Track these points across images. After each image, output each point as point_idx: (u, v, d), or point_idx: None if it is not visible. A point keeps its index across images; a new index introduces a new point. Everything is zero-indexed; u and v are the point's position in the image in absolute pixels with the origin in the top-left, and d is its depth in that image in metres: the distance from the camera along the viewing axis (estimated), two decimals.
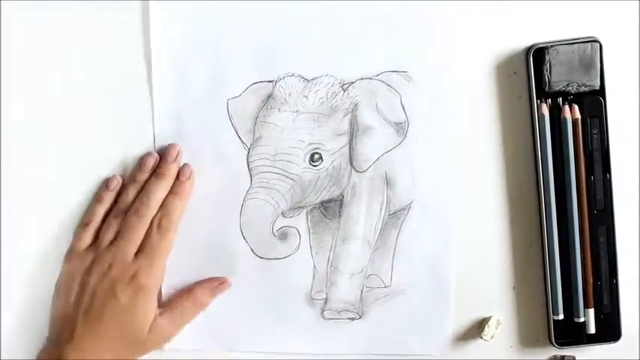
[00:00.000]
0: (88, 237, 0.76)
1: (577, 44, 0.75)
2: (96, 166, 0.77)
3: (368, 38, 0.76)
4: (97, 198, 0.77)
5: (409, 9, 0.75)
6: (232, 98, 0.76)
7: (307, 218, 0.77)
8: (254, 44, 0.76)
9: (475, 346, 0.78)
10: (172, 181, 0.76)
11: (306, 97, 0.76)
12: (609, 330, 0.77)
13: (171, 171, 0.75)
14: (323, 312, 0.78)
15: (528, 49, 0.75)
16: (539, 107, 0.75)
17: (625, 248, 0.77)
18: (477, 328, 0.78)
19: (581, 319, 0.76)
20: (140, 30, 0.75)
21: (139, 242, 0.75)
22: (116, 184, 0.76)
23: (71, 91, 0.76)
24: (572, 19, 0.76)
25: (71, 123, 0.76)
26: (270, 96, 0.76)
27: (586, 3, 0.76)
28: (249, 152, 0.76)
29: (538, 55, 0.75)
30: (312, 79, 0.76)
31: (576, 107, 0.75)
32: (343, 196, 0.77)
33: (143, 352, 0.76)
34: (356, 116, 0.76)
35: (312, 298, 0.77)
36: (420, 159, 0.76)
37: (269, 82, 0.76)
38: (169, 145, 0.76)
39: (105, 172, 0.77)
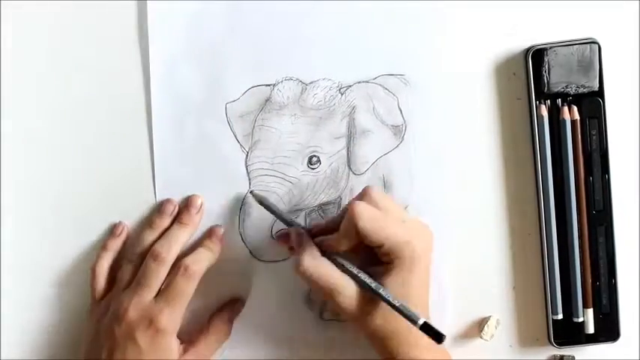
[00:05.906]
0: (100, 286, 0.75)
1: (576, 45, 0.75)
2: (92, 170, 0.76)
3: (365, 42, 0.76)
4: (102, 246, 0.76)
5: (406, 11, 0.75)
6: (231, 102, 0.76)
7: (305, 221, 0.77)
8: (252, 48, 0.76)
9: (475, 346, 0.78)
10: (195, 230, 0.75)
11: (304, 101, 0.76)
12: (608, 330, 0.77)
13: (195, 221, 0.75)
14: (322, 313, 0.78)
15: (527, 51, 0.75)
16: (538, 108, 0.76)
17: (624, 248, 0.77)
18: (476, 328, 0.78)
19: (580, 319, 0.77)
20: (138, 33, 0.75)
21: (157, 288, 0.72)
22: (121, 230, 0.76)
23: (66, 95, 0.76)
24: (570, 20, 0.76)
25: (66, 125, 0.76)
26: (268, 99, 0.76)
27: (585, 4, 0.76)
28: (247, 155, 0.76)
29: (537, 56, 0.75)
30: (310, 83, 0.76)
31: (575, 108, 0.75)
32: (341, 199, 0.77)
33: None
34: (354, 119, 0.76)
35: (311, 300, 0.77)
36: (417, 161, 0.76)
37: (267, 85, 0.76)
38: (193, 195, 0.76)
39: (101, 175, 0.76)
